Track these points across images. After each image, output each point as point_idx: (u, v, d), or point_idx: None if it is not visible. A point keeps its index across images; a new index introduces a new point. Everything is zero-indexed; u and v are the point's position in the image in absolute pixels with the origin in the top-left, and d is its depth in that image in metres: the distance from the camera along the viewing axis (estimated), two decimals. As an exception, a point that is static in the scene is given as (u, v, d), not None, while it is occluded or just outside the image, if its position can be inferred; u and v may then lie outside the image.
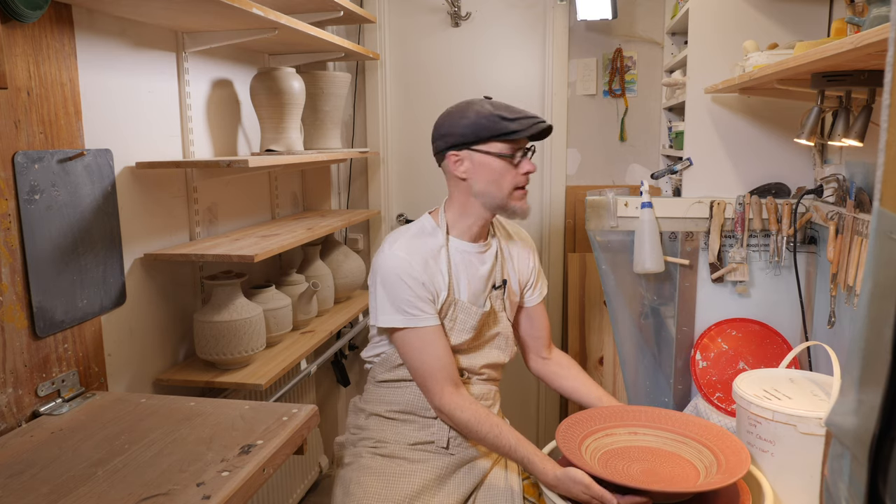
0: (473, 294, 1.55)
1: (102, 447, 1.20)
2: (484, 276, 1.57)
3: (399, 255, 1.48)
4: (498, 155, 1.48)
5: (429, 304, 1.48)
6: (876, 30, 0.92)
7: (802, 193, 1.85)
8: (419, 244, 1.51)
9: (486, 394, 1.61)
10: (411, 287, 1.45)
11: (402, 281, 1.45)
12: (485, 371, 1.60)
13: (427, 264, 1.49)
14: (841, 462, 0.63)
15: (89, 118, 1.55)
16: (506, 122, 1.46)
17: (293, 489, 2.44)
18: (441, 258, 1.52)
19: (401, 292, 1.45)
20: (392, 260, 1.47)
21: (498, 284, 1.60)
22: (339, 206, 2.99)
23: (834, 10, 1.84)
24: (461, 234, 1.56)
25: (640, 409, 1.56)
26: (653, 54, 2.74)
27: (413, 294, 1.46)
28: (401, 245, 1.50)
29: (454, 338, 1.53)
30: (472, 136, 1.48)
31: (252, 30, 1.85)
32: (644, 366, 2.14)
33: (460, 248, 1.55)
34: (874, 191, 0.58)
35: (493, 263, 1.59)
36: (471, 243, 1.56)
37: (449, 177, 1.55)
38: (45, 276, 1.39)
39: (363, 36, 2.90)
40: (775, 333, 1.93)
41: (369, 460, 1.52)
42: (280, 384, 2.17)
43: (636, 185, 2.57)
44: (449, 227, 1.56)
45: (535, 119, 1.48)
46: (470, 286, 1.55)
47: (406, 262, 1.47)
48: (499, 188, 1.50)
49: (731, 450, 1.38)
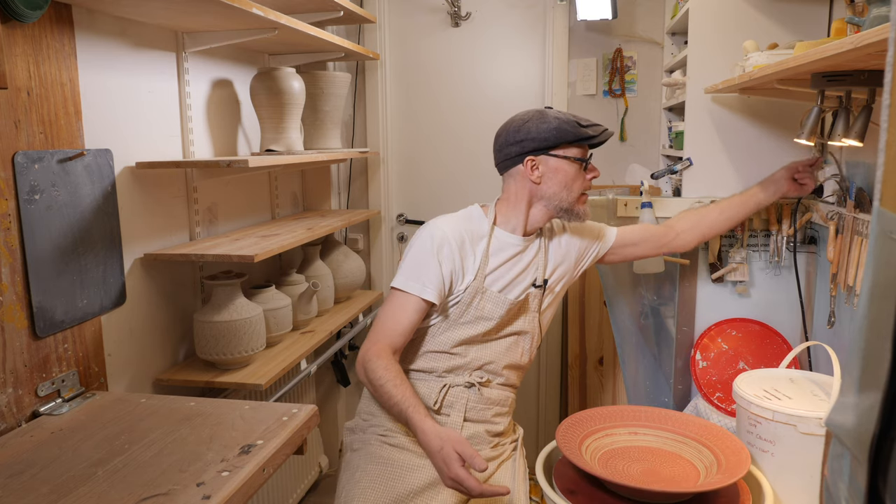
0: (507, 286, 1.58)
1: (102, 447, 1.20)
2: (521, 271, 1.60)
3: (442, 227, 1.56)
4: (574, 159, 1.55)
5: (437, 279, 1.51)
6: (876, 30, 0.92)
7: (802, 193, 1.85)
8: (463, 225, 1.58)
9: (504, 400, 1.62)
10: (435, 255, 1.52)
11: (433, 250, 1.52)
12: (505, 373, 1.61)
13: (463, 245, 1.55)
14: (841, 462, 0.63)
15: (89, 118, 1.55)
16: (583, 128, 1.53)
17: (293, 489, 2.44)
18: (480, 244, 1.57)
19: (421, 255, 1.53)
20: (431, 229, 1.56)
21: (539, 283, 1.62)
22: (339, 206, 2.99)
23: (834, 10, 1.84)
24: (507, 228, 1.61)
25: (640, 409, 1.56)
26: (653, 54, 2.74)
27: (431, 262, 1.51)
28: (446, 220, 1.59)
29: (478, 326, 1.56)
30: (554, 140, 1.54)
31: (252, 30, 1.85)
32: (644, 366, 2.14)
33: (502, 239, 1.60)
34: (874, 191, 0.58)
35: (534, 260, 1.63)
36: (513, 235, 1.61)
37: (515, 180, 1.60)
38: (45, 276, 1.39)
39: (363, 36, 2.90)
40: (775, 333, 1.93)
41: (377, 448, 1.52)
42: (280, 384, 2.17)
43: (636, 185, 2.58)
44: (497, 220, 1.62)
45: (602, 127, 1.57)
46: (504, 277, 1.58)
47: (444, 234, 1.54)
48: (569, 192, 1.57)
49: (731, 450, 1.38)
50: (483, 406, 1.58)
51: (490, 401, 1.59)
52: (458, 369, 1.57)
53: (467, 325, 1.56)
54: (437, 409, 1.55)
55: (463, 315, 1.55)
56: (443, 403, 1.55)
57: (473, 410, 1.57)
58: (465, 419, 1.56)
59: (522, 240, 1.61)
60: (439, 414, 1.55)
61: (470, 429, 1.56)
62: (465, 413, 1.56)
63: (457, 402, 1.55)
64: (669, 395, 2.06)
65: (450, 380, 1.56)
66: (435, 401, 1.55)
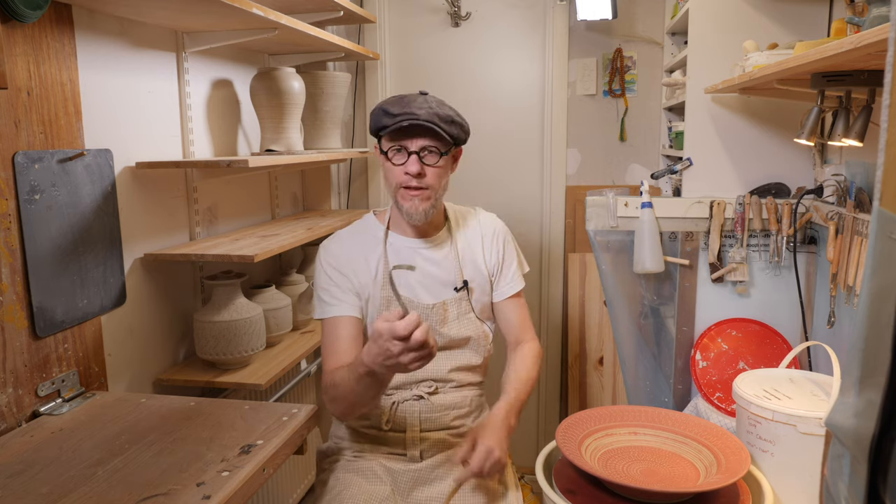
0: (424, 291, 1.52)
1: (102, 447, 1.20)
2: (436, 275, 1.53)
3: (329, 247, 1.54)
4: (382, 151, 1.47)
5: (346, 294, 1.48)
6: (876, 30, 0.92)
7: (802, 193, 1.85)
8: (353, 239, 1.55)
9: (461, 402, 1.54)
10: (330, 277, 1.50)
11: (323, 270, 1.51)
12: (456, 377, 1.54)
13: (353, 258, 1.51)
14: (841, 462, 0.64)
15: (89, 118, 1.55)
16: (386, 116, 1.41)
17: (293, 489, 2.44)
18: (375, 253, 1.52)
19: (320, 280, 1.51)
20: (320, 251, 1.54)
21: (458, 287, 1.54)
22: (339, 206, 2.99)
23: (834, 10, 1.84)
24: (402, 230, 1.55)
25: (640, 409, 1.56)
26: (653, 54, 2.74)
27: (331, 283, 1.49)
28: (335, 238, 1.56)
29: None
30: (372, 128, 1.47)
31: (252, 30, 1.85)
32: (644, 366, 2.14)
33: (402, 244, 1.54)
34: (874, 191, 0.58)
35: (447, 262, 1.55)
36: (412, 238, 1.54)
37: None
38: (45, 276, 1.39)
39: (363, 36, 2.90)
40: (775, 333, 1.93)
41: (349, 463, 1.51)
42: (280, 384, 2.17)
43: (636, 185, 2.57)
44: (391, 223, 1.56)
45: (406, 112, 1.39)
46: (418, 282, 1.52)
47: (330, 254, 1.52)
48: (389, 185, 1.48)
49: (731, 450, 1.38)
50: (438, 414, 1.52)
51: (445, 406, 1.52)
52: (404, 385, 1.51)
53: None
54: (390, 428, 1.50)
55: None
56: (394, 420, 1.50)
57: (428, 421, 1.51)
58: (422, 430, 1.51)
59: (420, 242, 1.53)
60: (393, 432, 1.51)
61: (431, 437, 1.51)
62: (420, 425, 1.50)
63: (408, 415, 1.50)
64: (669, 395, 2.06)
65: (397, 396, 1.51)
66: (386, 419, 1.50)
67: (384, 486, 1.45)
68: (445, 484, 1.47)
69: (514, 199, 2.89)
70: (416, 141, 1.42)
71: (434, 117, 1.41)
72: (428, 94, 1.49)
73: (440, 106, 1.44)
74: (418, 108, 1.40)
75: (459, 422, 1.55)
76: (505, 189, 2.90)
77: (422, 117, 1.39)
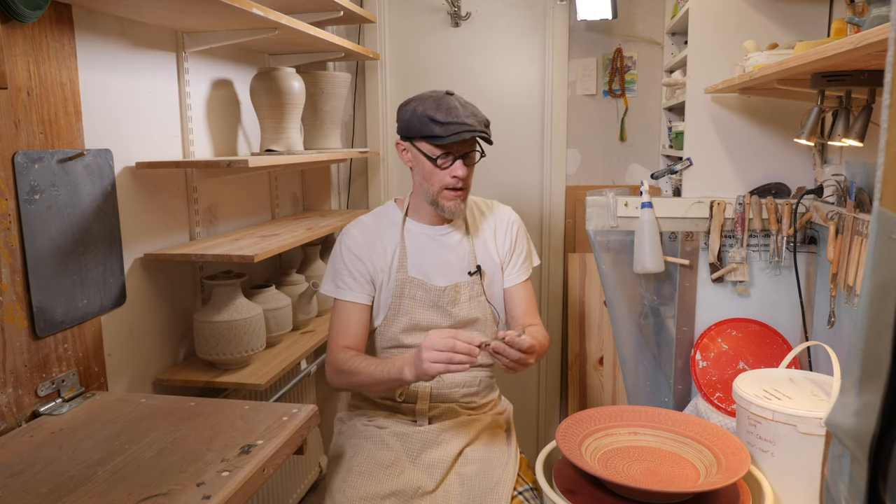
0: (438, 274, 1.59)
1: (102, 447, 1.20)
2: (450, 260, 1.61)
3: (351, 231, 1.61)
4: (424, 155, 1.52)
5: (360, 282, 1.57)
6: (876, 30, 0.92)
7: (802, 193, 1.85)
8: (373, 223, 1.62)
9: (471, 381, 1.63)
10: (347, 262, 1.57)
11: (341, 255, 1.59)
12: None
13: (372, 243, 1.59)
14: (841, 462, 0.64)
15: (89, 118, 1.55)
16: (435, 124, 1.47)
17: (293, 489, 2.44)
18: (394, 237, 1.59)
19: (337, 262, 1.59)
20: (342, 234, 1.62)
21: (472, 271, 1.61)
22: (339, 206, 2.99)
23: (834, 10, 1.84)
24: (420, 217, 1.62)
25: (640, 409, 1.56)
26: (653, 54, 2.74)
27: (346, 268, 1.57)
28: (358, 222, 1.64)
29: (416, 315, 1.57)
30: (405, 131, 1.54)
31: (252, 30, 1.85)
32: (644, 366, 2.14)
33: (419, 231, 1.61)
34: (874, 191, 0.58)
35: (461, 248, 1.62)
36: (429, 226, 1.62)
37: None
38: (45, 276, 1.39)
39: (363, 36, 2.90)
40: (775, 333, 1.93)
41: (363, 429, 1.58)
42: (280, 384, 2.17)
43: (636, 185, 2.58)
44: (409, 210, 1.63)
45: (462, 126, 1.46)
46: (432, 267, 1.59)
47: (350, 237, 1.59)
48: (430, 185, 1.54)
49: (731, 450, 1.38)
50: (448, 390, 1.60)
51: (455, 384, 1.61)
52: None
53: (407, 314, 1.57)
54: (402, 400, 1.58)
55: (401, 307, 1.57)
56: (407, 393, 1.59)
57: (439, 396, 1.60)
58: (432, 401, 1.59)
59: (436, 228, 1.61)
60: (405, 403, 1.59)
61: (440, 406, 1.59)
62: (431, 399, 1.59)
63: (420, 390, 1.58)
64: (669, 395, 2.06)
65: None
66: (400, 392, 1.58)
67: (391, 452, 1.50)
68: (453, 446, 1.53)
69: (514, 199, 2.89)
70: (464, 146, 1.52)
71: (481, 125, 1.50)
72: (454, 93, 1.55)
73: (476, 109, 1.53)
74: (466, 116, 1.48)
75: (469, 399, 1.63)
76: (505, 189, 2.90)
77: (476, 127, 1.48)
